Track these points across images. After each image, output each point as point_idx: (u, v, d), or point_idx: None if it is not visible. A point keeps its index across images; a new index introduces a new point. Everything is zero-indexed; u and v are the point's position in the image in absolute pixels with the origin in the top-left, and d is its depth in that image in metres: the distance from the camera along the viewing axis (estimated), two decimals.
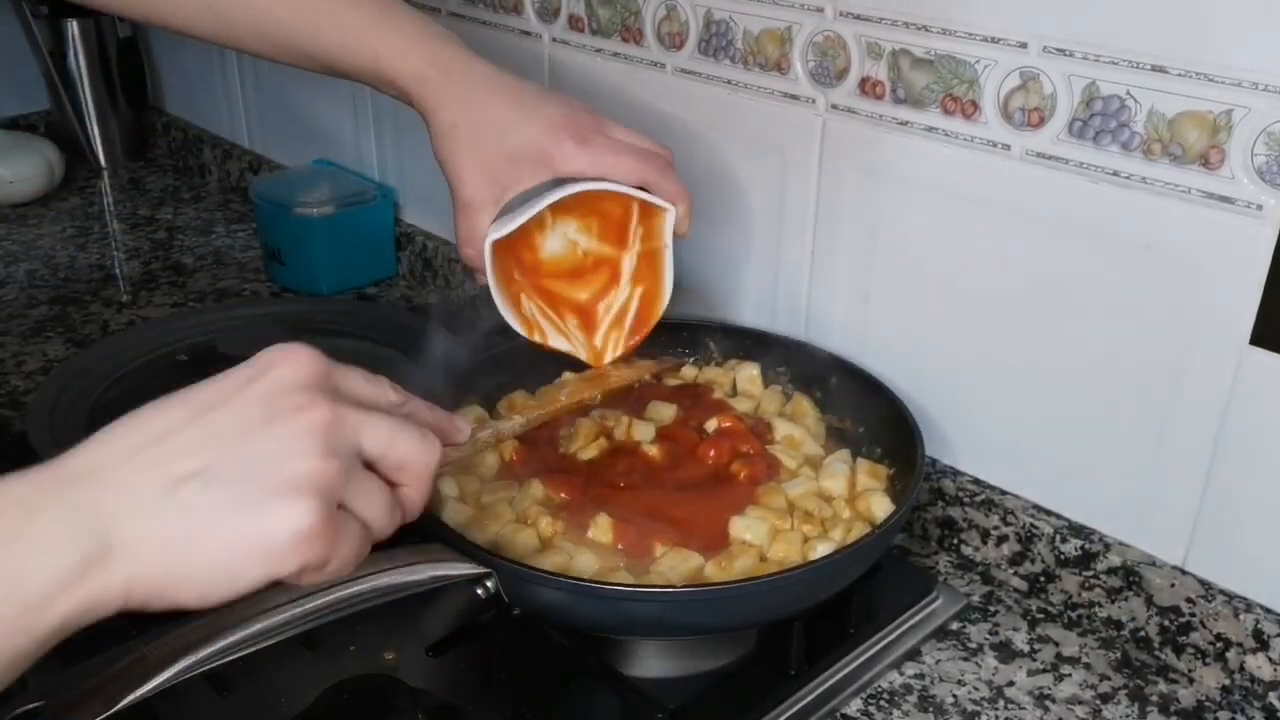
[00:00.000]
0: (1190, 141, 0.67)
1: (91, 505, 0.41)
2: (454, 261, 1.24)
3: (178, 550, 0.42)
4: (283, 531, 0.43)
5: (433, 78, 0.74)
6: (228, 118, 1.60)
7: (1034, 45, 0.72)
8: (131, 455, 0.43)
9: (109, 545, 0.41)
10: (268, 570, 0.44)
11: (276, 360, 0.47)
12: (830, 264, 0.89)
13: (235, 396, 0.45)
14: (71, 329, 1.19)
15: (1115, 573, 0.77)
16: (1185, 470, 0.73)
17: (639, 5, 0.95)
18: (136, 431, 0.44)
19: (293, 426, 0.45)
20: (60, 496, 0.42)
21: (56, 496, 0.42)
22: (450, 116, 0.74)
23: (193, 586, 0.43)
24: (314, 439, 0.45)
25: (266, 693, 0.68)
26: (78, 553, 0.40)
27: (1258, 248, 0.66)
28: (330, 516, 0.45)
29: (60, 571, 0.40)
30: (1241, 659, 0.72)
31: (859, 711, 0.72)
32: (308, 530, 0.43)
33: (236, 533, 0.43)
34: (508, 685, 0.70)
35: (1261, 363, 0.68)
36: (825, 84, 0.84)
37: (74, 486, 0.42)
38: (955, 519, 0.85)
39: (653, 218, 0.79)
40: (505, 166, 0.74)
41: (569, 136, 0.73)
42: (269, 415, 0.45)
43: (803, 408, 0.87)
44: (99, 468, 0.43)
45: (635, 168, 0.75)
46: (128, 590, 0.42)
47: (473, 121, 0.73)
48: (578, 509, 0.75)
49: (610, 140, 0.75)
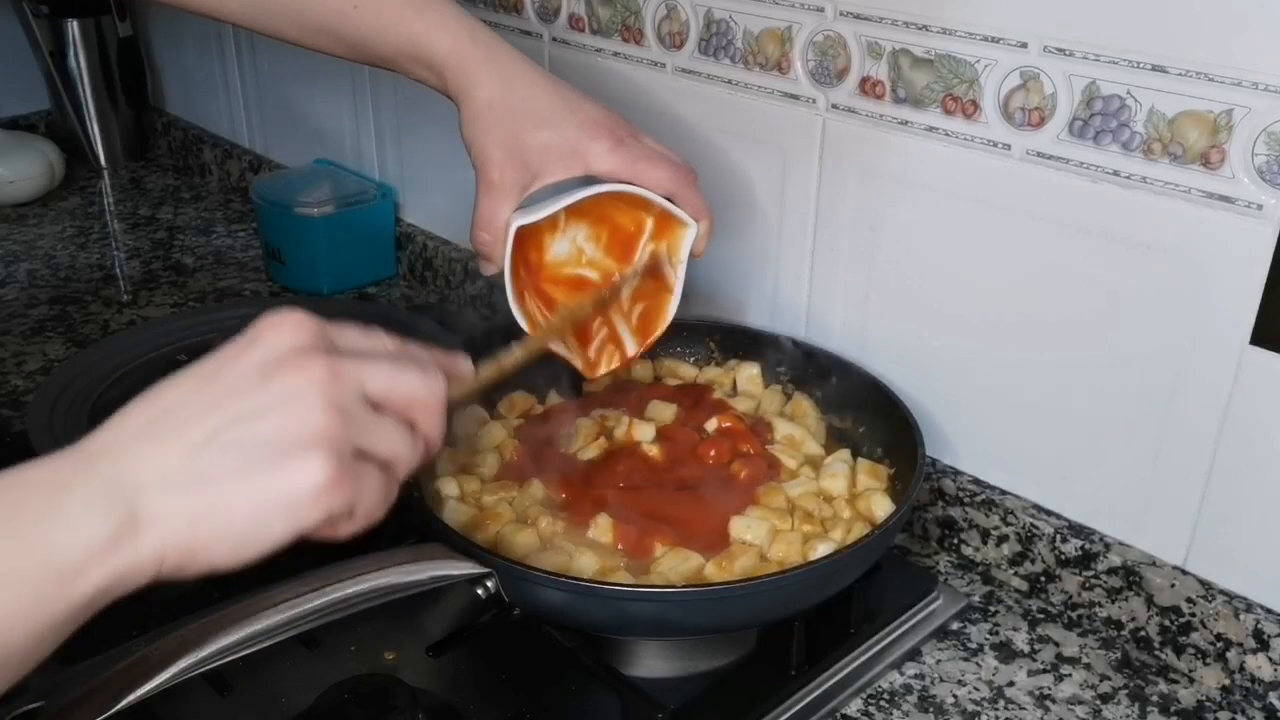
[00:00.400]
0: (1190, 141, 0.67)
1: (114, 480, 0.43)
2: (454, 261, 1.24)
3: (203, 514, 0.44)
4: (301, 487, 0.44)
5: (472, 55, 0.73)
6: (228, 117, 1.60)
7: (1034, 45, 0.72)
8: (146, 430, 0.45)
9: (136, 516, 0.42)
10: (295, 524, 0.45)
11: (269, 327, 0.48)
12: (830, 264, 0.89)
13: (233, 364, 0.47)
14: (71, 329, 1.19)
15: (1115, 573, 0.77)
16: (1186, 470, 0.73)
17: (639, 5, 0.95)
18: (147, 408, 0.46)
19: (292, 385, 0.46)
20: (83, 475, 0.43)
21: (80, 475, 0.43)
22: (487, 95, 0.73)
23: (223, 547, 0.44)
24: (315, 395, 0.46)
25: (266, 693, 0.68)
26: (108, 524, 0.42)
27: (1258, 247, 0.66)
28: (344, 467, 0.46)
29: (92, 542, 0.41)
30: (1242, 659, 0.72)
31: (859, 711, 0.72)
32: (325, 483, 0.45)
33: (257, 492, 0.44)
34: (508, 685, 0.70)
35: (1261, 363, 0.68)
36: (825, 84, 0.84)
37: (95, 464, 0.43)
38: (955, 519, 0.85)
39: (665, 236, 0.78)
40: (538, 155, 0.73)
41: (606, 136, 0.73)
42: (267, 378, 0.46)
43: (803, 408, 0.87)
44: (117, 445, 0.44)
45: (665, 178, 0.74)
46: (160, 557, 0.43)
47: (510, 105, 0.73)
48: (578, 509, 0.75)
49: (644, 147, 0.75)
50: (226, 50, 1.53)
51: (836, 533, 0.73)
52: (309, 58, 1.35)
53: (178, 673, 0.52)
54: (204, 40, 1.57)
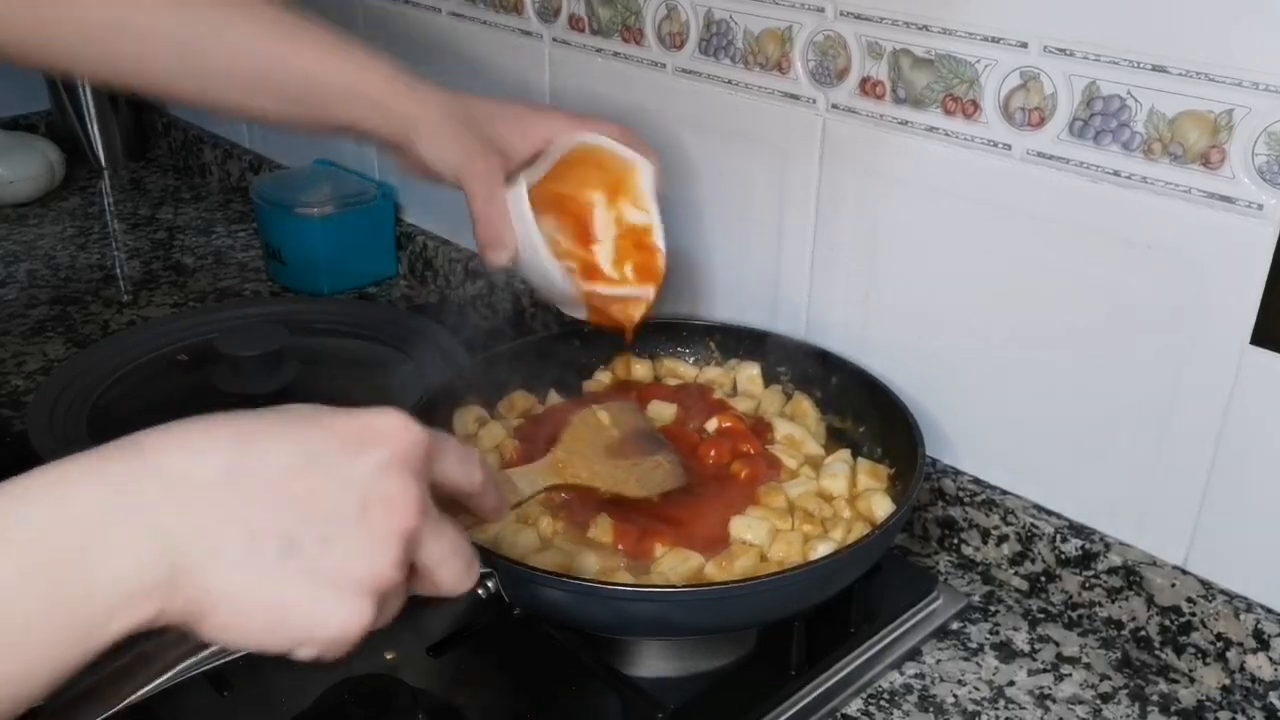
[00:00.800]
0: (1191, 141, 0.67)
1: (168, 533, 0.40)
2: (454, 261, 1.24)
3: (235, 600, 0.42)
4: (332, 626, 0.43)
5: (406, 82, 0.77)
6: (228, 117, 1.60)
7: (1034, 45, 0.72)
8: (224, 481, 0.42)
9: (175, 579, 0.40)
10: (291, 648, 0.43)
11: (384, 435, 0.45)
12: (830, 264, 0.89)
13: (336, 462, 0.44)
14: (71, 329, 1.19)
15: (1116, 573, 0.77)
16: (1186, 470, 0.73)
17: (639, 5, 0.95)
18: (235, 451, 0.43)
19: (381, 530, 0.44)
20: (138, 512, 0.40)
21: (134, 510, 0.40)
22: (435, 113, 0.77)
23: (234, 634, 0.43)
24: (395, 548, 0.44)
25: (266, 693, 0.68)
26: (148, 578, 0.40)
27: (1258, 247, 0.66)
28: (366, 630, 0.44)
29: (126, 594, 0.39)
30: (1242, 659, 0.72)
31: (859, 711, 0.72)
32: (353, 631, 0.43)
33: (288, 606, 0.42)
34: (508, 685, 0.70)
35: (1262, 363, 0.68)
36: (826, 84, 0.84)
37: (154, 502, 0.41)
38: (956, 519, 0.85)
39: (621, 193, 0.82)
40: (502, 138, 0.79)
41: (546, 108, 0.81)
42: (364, 507, 0.44)
43: (803, 408, 0.87)
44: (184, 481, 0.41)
45: (611, 126, 0.82)
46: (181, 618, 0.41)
47: (456, 114, 0.78)
48: (578, 509, 0.75)
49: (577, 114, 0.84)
50: None
51: (836, 533, 0.73)
52: None
53: (178, 673, 0.52)
54: None
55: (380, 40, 1.22)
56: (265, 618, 0.42)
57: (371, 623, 0.44)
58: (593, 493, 0.74)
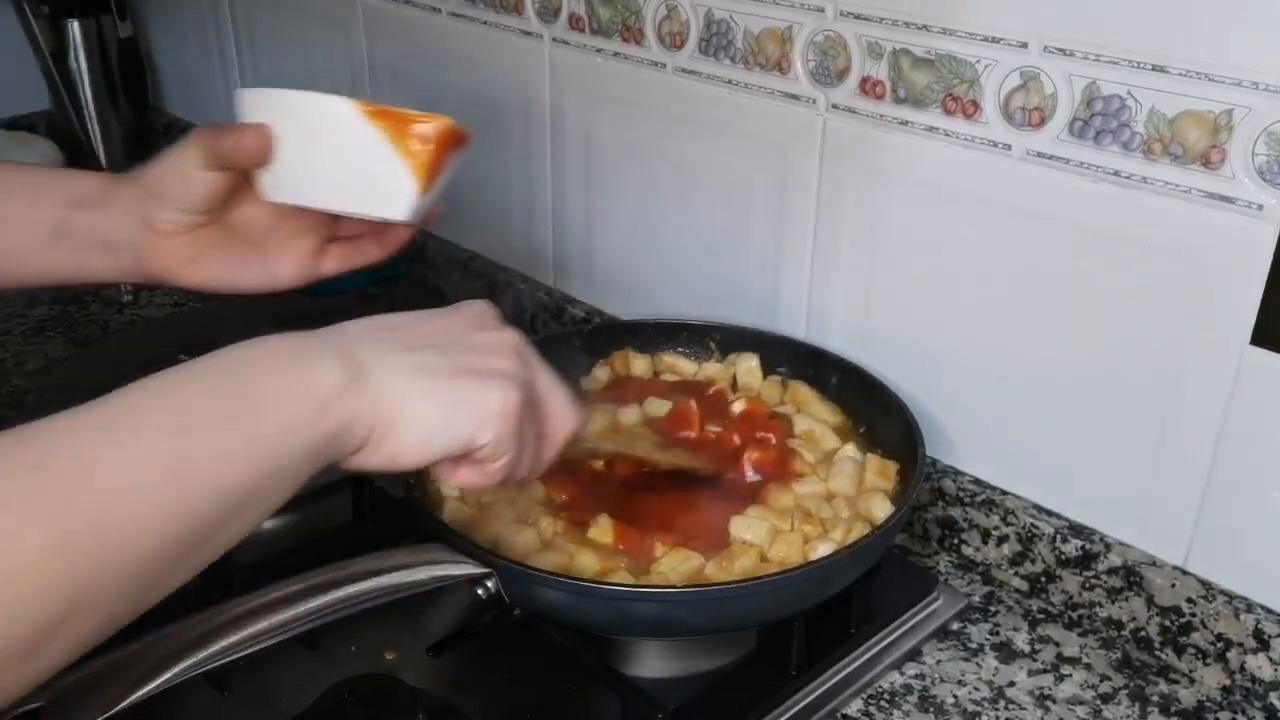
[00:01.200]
0: (1191, 141, 0.67)
1: (346, 350, 0.50)
2: (454, 261, 1.24)
3: (414, 394, 0.50)
4: (495, 402, 0.52)
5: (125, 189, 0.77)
6: (228, 118, 1.59)
7: (1034, 45, 0.72)
8: (367, 333, 0.52)
9: (362, 374, 0.49)
10: (474, 431, 0.51)
11: (469, 305, 0.57)
12: (830, 264, 0.89)
13: (441, 315, 0.56)
14: (71, 329, 1.19)
15: (1116, 573, 0.77)
16: (1186, 470, 0.73)
17: (639, 5, 0.95)
18: (363, 324, 0.53)
19: (496, 339, 0.55)
20: (316, 343, 0.50)
21: (313, 342, 0.50)
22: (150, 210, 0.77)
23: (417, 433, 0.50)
24: (512, 351, 0.55)
25: (267, 693, 0.68)
26: (345, 373, 0.48)
27: (1258, 247, 0.66)
28: (524, 406, 0.53)
29: (336, 383, 0.48)
30: (1242, 659, 0.72)
31: (859, 711, 0.72)
32: (511, 408, 0.52)
33: (460, 390, 0.51)
34: (508, 685, 0.70)
35: (1262, 363, 0.68)
36: (826, 84, 0.84)
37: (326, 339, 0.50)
38: (956, 519, 0.85)
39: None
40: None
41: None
42: (478, 328, 0.55)
43: (801, 395, 0.87)
44: (340, 334, 0.51)
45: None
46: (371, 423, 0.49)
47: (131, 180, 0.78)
48: (578, 509, 0.75)
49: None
50: (226, 50, 1.53)
51: (836, 533, 0.73)
52: (309, 59, 1.36)
53: (178, 673, 0.52)
54: (204, 40, 1.57)
55: (380, 40, 1.22)
56: (443, 402, 0.51)
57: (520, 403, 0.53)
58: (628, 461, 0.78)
